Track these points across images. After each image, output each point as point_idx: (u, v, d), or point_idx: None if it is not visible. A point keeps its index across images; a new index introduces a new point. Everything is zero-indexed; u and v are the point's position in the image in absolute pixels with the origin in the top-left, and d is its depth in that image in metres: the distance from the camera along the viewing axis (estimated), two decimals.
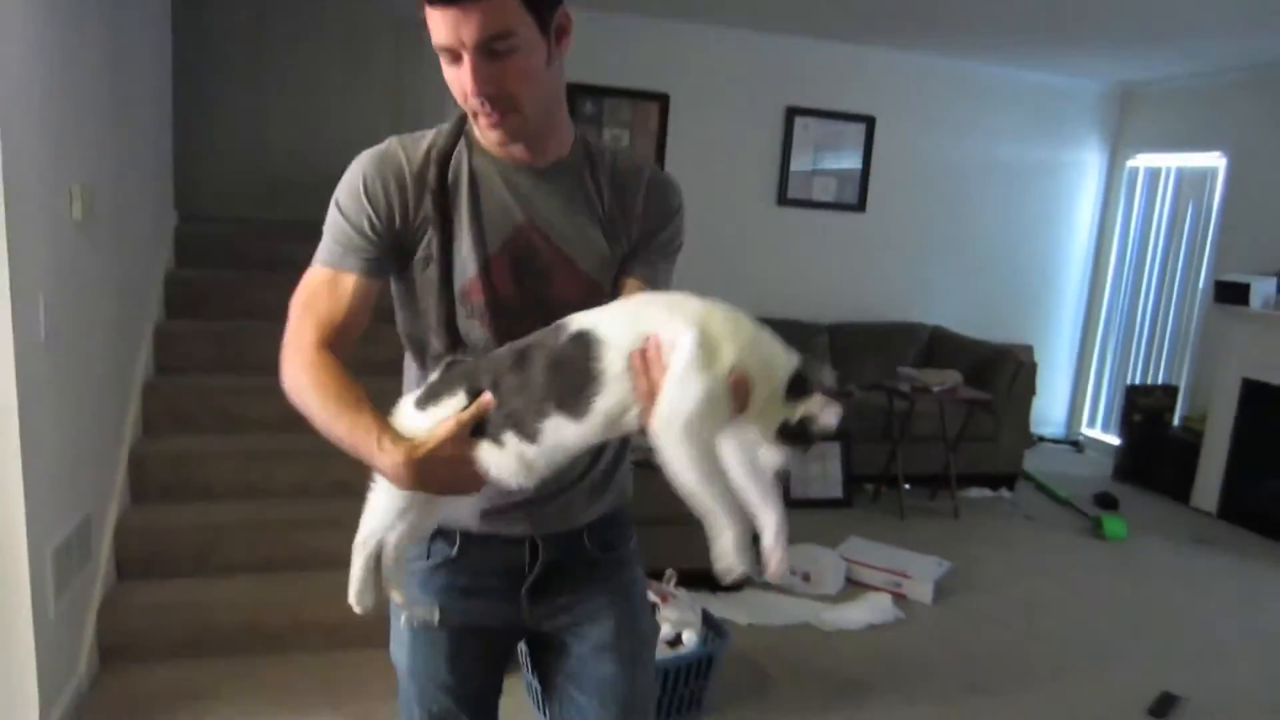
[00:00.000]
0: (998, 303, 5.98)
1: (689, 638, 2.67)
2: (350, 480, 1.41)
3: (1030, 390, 5.14)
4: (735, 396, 1.09)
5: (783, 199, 5.52)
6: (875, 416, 4.80)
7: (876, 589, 3.67)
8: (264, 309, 3.13)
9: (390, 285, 1.36)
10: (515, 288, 1.30)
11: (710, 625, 2.78)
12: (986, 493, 5.04)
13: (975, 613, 3.60)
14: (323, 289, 1.29)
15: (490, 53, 1.16)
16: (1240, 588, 4.01)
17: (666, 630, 2.67)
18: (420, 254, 1.30)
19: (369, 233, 1.28)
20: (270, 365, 1.32)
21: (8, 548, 2.29)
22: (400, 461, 1.16)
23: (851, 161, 5.57)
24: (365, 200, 1.27)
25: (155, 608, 2.92)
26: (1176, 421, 5.37)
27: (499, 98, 1.19)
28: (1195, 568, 4.20)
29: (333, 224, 1.30)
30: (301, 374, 1.25)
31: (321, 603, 2.90)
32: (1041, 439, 6.07)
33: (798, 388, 1.12)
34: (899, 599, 3.62)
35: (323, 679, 2.80)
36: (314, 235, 1.33)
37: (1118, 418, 5.71)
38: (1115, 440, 5.75)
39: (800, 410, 1.12)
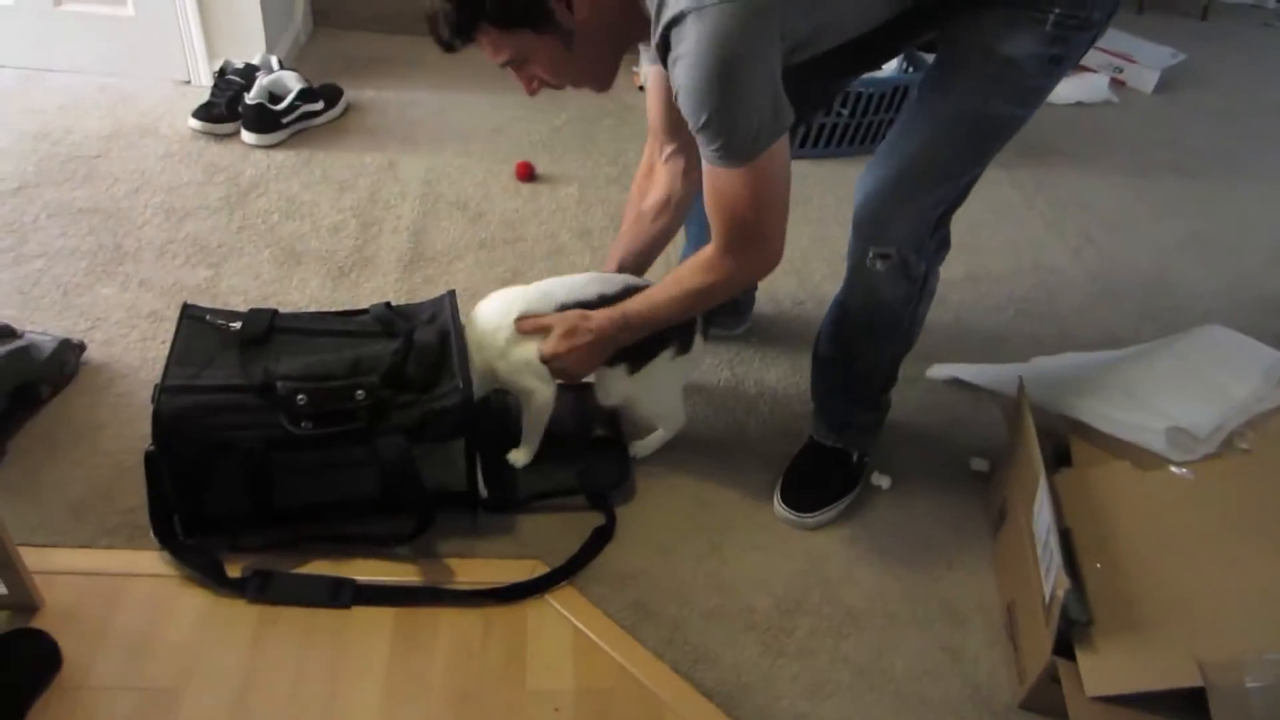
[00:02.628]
0: None
1: (890, 63, 2.55)
2: None
3: None
4: None
5: None
6: None
7: (1092, 70, 3.38)
8: None
9: None
10: None
11: (909, 59, 2.65)
12: None
13: (1198, 107, 3.31)
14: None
15: (514, 65, 1.23)
16: None
17: None
18: None
19: None
20: None
21: None
22: None
23: None
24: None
25: None
26: None
27: (548, 86, 1.27)
28: None
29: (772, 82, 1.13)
30: None
31: None
32: None
33: None
34: (1117, 85, 3.35)
35: None
36: None
37: None
38: None
39: None
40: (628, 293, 1.41)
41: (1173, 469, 1.35)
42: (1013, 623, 1.39)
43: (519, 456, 1.52)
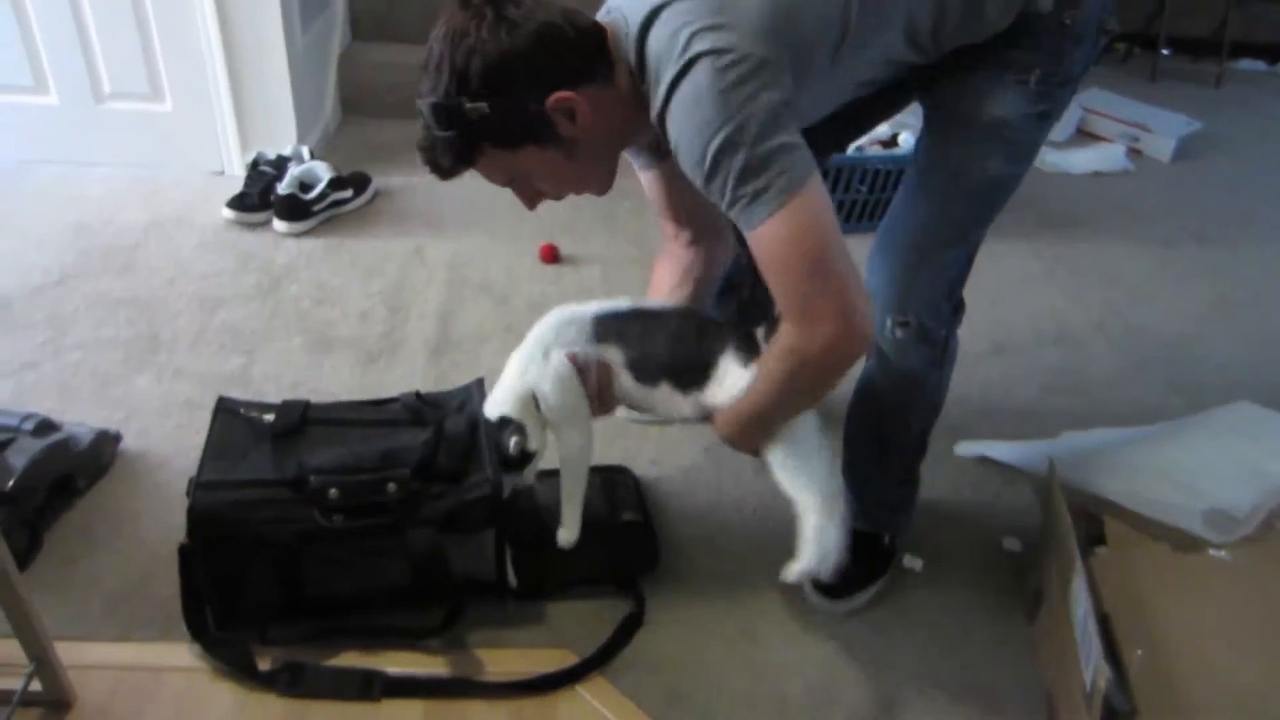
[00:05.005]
0: None
1: (905, 139, 2.59)
2: None
3: None
4: None
5: None
6: None
7: (1109, 140, 3.41)
8: None
9: None
10: None
11: None
12: (1261, 66, 4.43)
13: (1216, 175, 3.32)
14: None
15: (516, 184, 1.25)
16: None
17: (883, 130, 2.58)
18: None
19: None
20: None
21: None
22: None
23: None
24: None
25: (388, 67, 3.06)
26: None
27: (547, 197, 1.28)
28: None
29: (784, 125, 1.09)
30: None
31: None
32: None
33: None
34: (1134, 154, 3.38)
35: None
36: None
37: None
38: None
39: None
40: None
41: (1211, 551, 1.33)
42: (1052, 711, 1.36)
43: (564, 535, 1.47)
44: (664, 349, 1.38)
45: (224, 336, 2.02)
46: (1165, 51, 4.24)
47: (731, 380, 1.33)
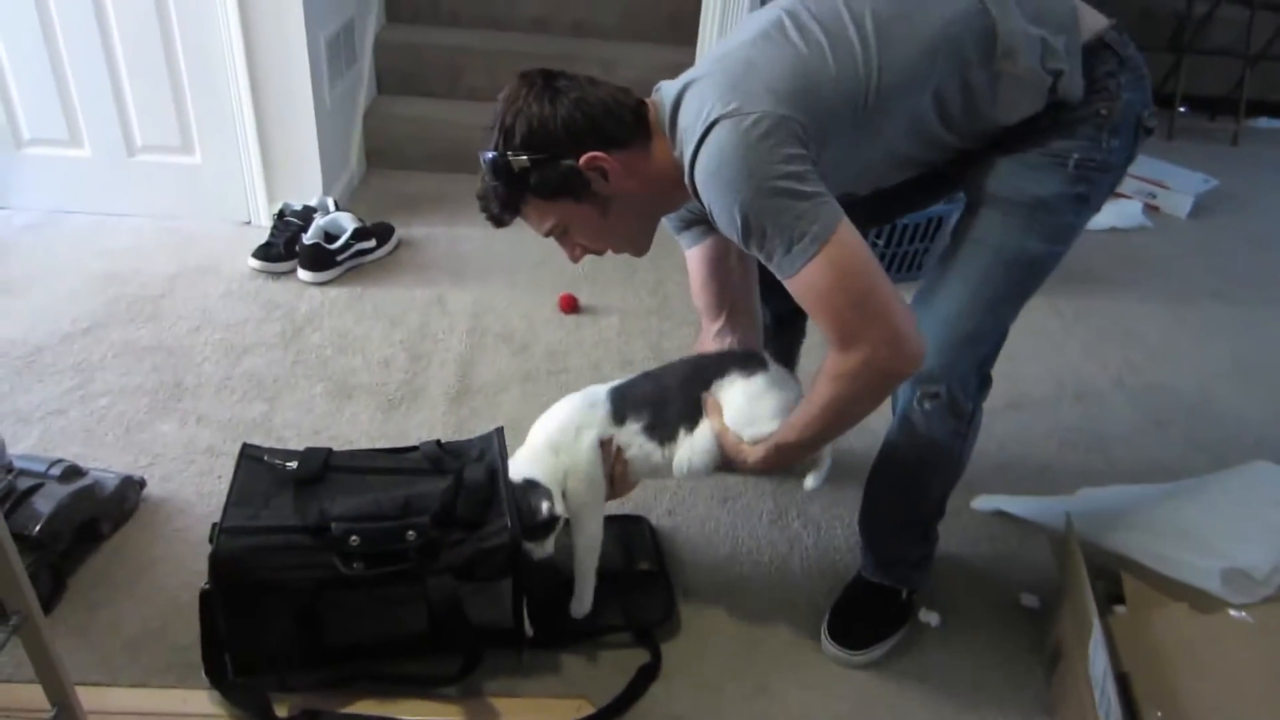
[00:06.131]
0: None
1: None
2: (587, 19, 1.42)
3: None
4: None
5: None
6: (1164, 21, 4.21)
7: (1126, 196, 3.43)
8: None
9: None
10: None
11: None
12: (1278, 124, 4.46)
13: (1233, 232, 3.33)
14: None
15: (557, 234, 1.34)
16: None
17: None
18: None
19: None
20: None
21: (288, 34, 2.46)
22: None
23: None
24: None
25: (412, 120, 3.13)
26: None
27: (590, 252, 1.39)
28: None
29: (808, 175, 1.16)
30: None
31: None
32: None
33: None
34: (1151, 211, 3.39)
35: None
36: None
37: None
38: None
39: None
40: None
41: (1231, 612, 1.32)
42: None
43: (577, 607, 1.51)
44: (674, 396, 1.43)
45: (247, 384, 2.05)
46: (1181, 109, 4.28)
47: (735, 391, 1.40)
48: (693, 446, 1.42)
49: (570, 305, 2.43)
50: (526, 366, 2.20)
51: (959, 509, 1.83)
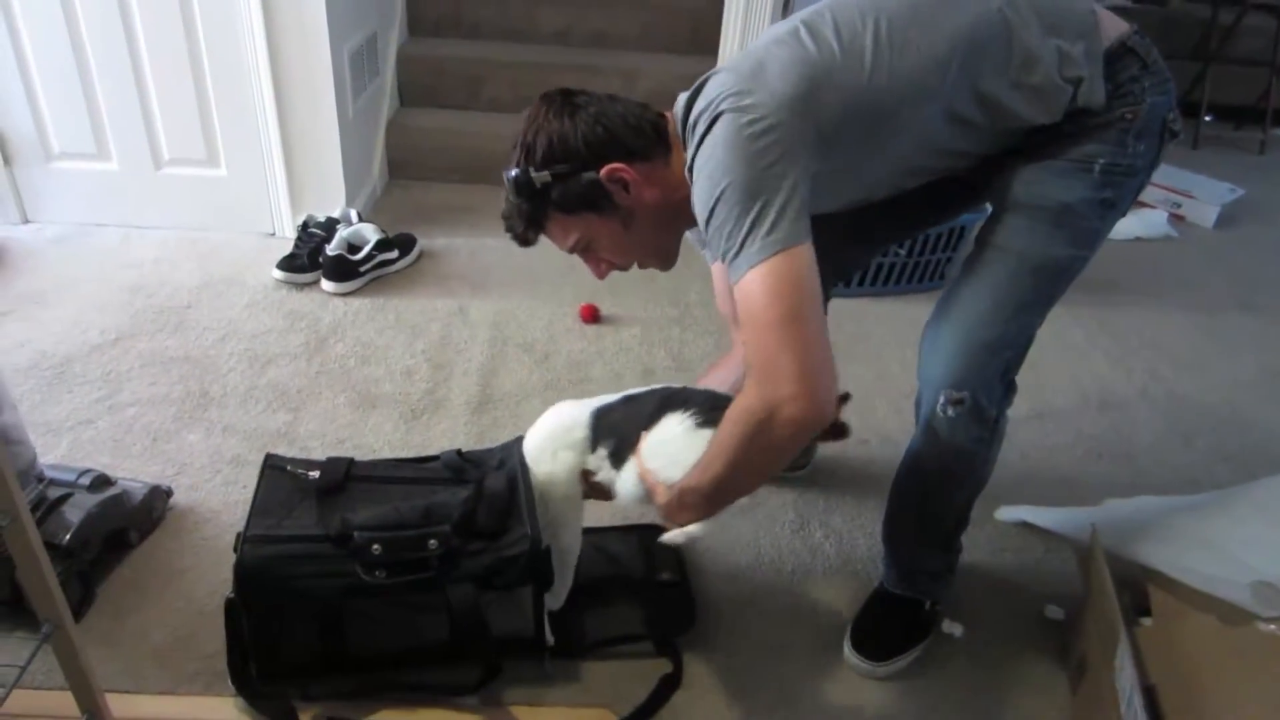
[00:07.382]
0: None
1: None
2: (607, 31, 1.43)
3: None
4: None
5: None
6: (1189, 29, 4.19)
7: (1151, 206, 3.41)
8: None
9: None
10: None
11: None
12: None
13: (1259, 242, 3.30)
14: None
15: (581, 250, 1.37)
16: None
17: None
18: None
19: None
20: None
21: (313, 48, 2.49)
22: None
23: None
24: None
25: (434, 131, 3.15)
26: None
27: (615, 268, 1.41)
28: None
29: (788, 189, 1.13)
30: None
31: None
32: None
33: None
34: (1176, 220, 3.37)
35: None
36: None
37: None
38: None
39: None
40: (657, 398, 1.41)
41: (1260, 625, 1.30)
42: None
43: (553, 601, 1.48)
44: (635, 427, 1.37)
45: (271, 394, 2.07)
46: (1207, 118, 4.25)
47: (665, 429, 1.32)
48: (621, 477, 1.39)
49: (591, 315, 2.44)
50: (548, 376, 2.21)
51: (982, 519, 1.82)
